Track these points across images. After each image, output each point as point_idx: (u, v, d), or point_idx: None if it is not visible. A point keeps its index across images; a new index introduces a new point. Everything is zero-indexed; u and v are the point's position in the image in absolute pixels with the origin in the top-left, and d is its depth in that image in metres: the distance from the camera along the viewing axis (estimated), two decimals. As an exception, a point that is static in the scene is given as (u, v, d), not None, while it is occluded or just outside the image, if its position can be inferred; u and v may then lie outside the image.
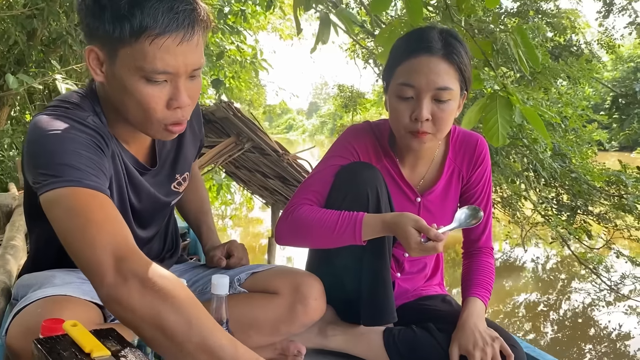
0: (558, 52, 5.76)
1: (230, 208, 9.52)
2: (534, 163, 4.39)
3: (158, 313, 0.88)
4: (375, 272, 1.40)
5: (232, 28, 5.79)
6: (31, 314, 1.11)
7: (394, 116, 1.38)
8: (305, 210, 1.39)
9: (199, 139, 1.52)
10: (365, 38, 7.42)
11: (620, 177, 4.80)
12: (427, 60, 1.31)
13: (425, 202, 1.51)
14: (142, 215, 1.36)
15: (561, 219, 4.85)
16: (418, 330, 1.42)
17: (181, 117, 1.13)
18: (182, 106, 1.11)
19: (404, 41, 1.40)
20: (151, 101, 1.08)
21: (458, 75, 1.34)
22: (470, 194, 1.53)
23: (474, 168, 1.51)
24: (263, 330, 1.36)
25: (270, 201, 4.50)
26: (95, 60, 1.10)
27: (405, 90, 1.33)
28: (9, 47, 4.94)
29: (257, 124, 3.07)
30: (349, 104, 11.35)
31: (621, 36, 11.38)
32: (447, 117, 1.34)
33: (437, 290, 1.66)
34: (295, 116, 62.66)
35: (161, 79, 1.07)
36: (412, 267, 1.61)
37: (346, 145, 1.49)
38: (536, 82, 4.88)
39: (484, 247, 1.56)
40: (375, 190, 1.39)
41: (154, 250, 1.50)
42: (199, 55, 1.10)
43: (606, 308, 6.74)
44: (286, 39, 10.71)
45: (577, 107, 5.47)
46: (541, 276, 8.28)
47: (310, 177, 1.50)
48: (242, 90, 8.96)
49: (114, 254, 0.93)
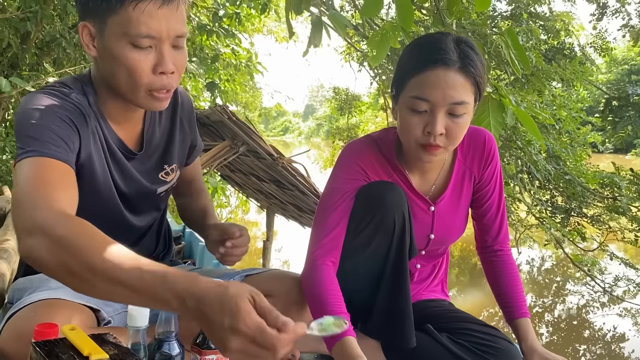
0: (552, 55, 5.79)
1: (225, 211, 9.50)
2: (528, 165, 4.41)
3: (63, 263, 0.89)
4: (393, 292, 1.39)
5: (227, 31, 5.79)
6: (24, 317, 1.11)
7: (404, 128, 1.31)
8: (315, 282, 1.32)
9: (190, 139, 1.51)
10: (359, 41, 7.43)
11: (614, 179, 4.83)
12: (443, 73, 1.24)
13: (438, 209, 1.47)
14: (131, 200, 1.37)
15: (555, 221, 4.87)
16: (416, 332, 1.41)
17: (167, 83, 1.17)
18: (167, 72, 1.16)
19: (417, 50, 1.32)
20: (137, 66, 1.13)
21: (474, 88, 1.28)
22: (483, 192, 1.49)
23: (485, 166, 1.47)
24: None
25: (266, 204, 4.50)
26: (88, 35, 1.16)
27: (419, 104, 1.26)
28: (2, 50, 4.92)
29: (252, 128, 3.06)
30: (345, 107, 11.36)
31: (614, 39, 11.45)
32: (461, 130, 1.29)
33: (438, 293, 1.64)
34: (291, 119, 62.65)
35: (146, 44, 1.12)
36: (421, 275, 1.61)
37: (352, 166, 1.41)
38: (530, 84, 4.90)
39: (503, 248, 1.54)
40: (402, 215, 1.35)
41: (147, 247, 1.51)
42: (180, 22, 1.15)
43: (601, 310, 6.77)
44: (281, 42, 10.72)
45: (571, 110, 5.50)
46: (536, 278, 8.30)
47: (325, 214, 1.39)
48: (238, 93, 8.96)
49: (43, 216, 0.95)
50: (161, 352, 1.04)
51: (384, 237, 1.36)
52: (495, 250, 1.54)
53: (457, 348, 1.36)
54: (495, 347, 1.35)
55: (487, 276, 1.56)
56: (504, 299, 1.50)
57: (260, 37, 10.50)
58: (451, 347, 1.36)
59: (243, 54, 6.66)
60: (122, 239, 1.38)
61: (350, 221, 1.37)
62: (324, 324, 0.97)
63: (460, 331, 1.40)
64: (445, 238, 1.52)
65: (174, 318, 1.06)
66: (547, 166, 4.41)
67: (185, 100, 1.47)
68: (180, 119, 1.45)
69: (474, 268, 8.25)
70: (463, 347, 1.36)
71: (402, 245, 1.37)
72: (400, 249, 1.37)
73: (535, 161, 4.25)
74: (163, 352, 1.04)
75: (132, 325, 0.98)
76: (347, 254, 1.39)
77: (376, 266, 1.39)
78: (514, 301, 1.48)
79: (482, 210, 1.52)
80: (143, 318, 0.98)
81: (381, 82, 7.06)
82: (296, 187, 3.33)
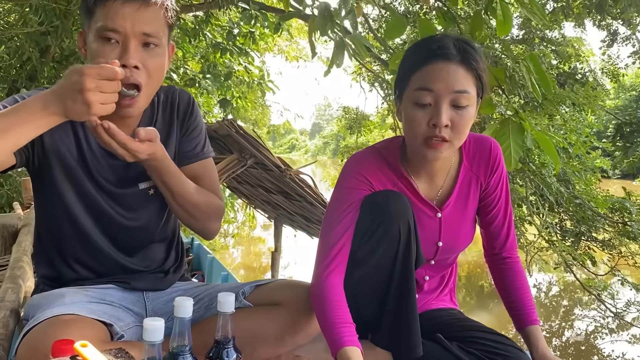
0: (563, 80, 5.81)
1: (232, 226, 9.51)
2: (540, 187, 4.39)
3: None
4: (400, 303, 1.39)
5: (240, 50, 5.86)
6: (39, 334, 1.12)
7: (409, 125, 1.31)
8: (323, 294, 1.33)
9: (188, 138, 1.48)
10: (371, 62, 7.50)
11: (625, 204, 4.80)
12: (445, 65, 1.27)
13: (445, 215, 1.47)
14: (113, 192, 1.38)
15: (565, 244, 4.84)
16: (426, 341, 1.41)
17: (129, 77, 1.20)
18: (128, 65, 1.20)
19: (418, 49, 1.35)
20: (101, 56, 1.19)
21: (476, 81, 1.29)
22: (490, 199, 1.49)
23: (491, 173, 1.47)
24: (268, 341, 1.36)
25: (273, 215, 4.51)
26: (82, 40, 1.28)
27: (423, 96, 1.27)
28: (22, 63, 5.01)
29: (259, 141, 3.09)
30: (354, 126, 11.40)
31: (626, 65, 11.46)
32: (465, 123, 1.29)
33: (447, 303, 1.63)
34: (298, 136, 62.92)
35: (112, 37, 1.20)
36: (430, 286, 1.60)
37: (356, 176, 1.41)
38: (542, 108, 4.91)
39: (512, 255, 1.54)
40: (407, 224, 1.35)
41: (153, 257, 1.50)
42: (148, 21, 1.22)
43: (609, 336, 6.67)
44: (292, 61, 10.83)
45: (581, 134, 5.49)
46: (544, 302, 8.21)
47: (330, 226, 1.40)
48: (248, 110, 9.03)
49: None
50: (176, 366, 1.04)
51: (389, 246, 1.35)
52: (504, 258, 1.53)
53: (468, 357, 1.35)
54: (505, 355, 1.34)
55: (496, 284, 1.56)
56: (513, 307, 1.50)
57: (270, 56, 10.60)
58: (462, 356, 1.35)
59: (255, 72, 6.74)
60: (112, 236, 1.41)
61: (356, 231, 1.38)
62: None
63: (470, 339, 1.39)
64: (454, 246, 1.51)
65: (188, 332, 1.06)
66: (560, 188, 4.40)
67: (182, 101, 1.48)
68: (177, 118, 1.46)
69: (481, 290, 8.17)
70: (473, 355, 1.35)
71: (408, 253, 1.37)
72: (406, 258, 1.37)
73: (548, 183, 4.24)
74: (178, 366, 1.04)
75: (148, 340, 0.98)
76: (354, 265, 1.39)
77: (383, 276, 1.38)
78: (523, 309, 1.47)
79: (489, 218, 1.51)
80: (158, 332, 0.98)
81: (391, 102, 7.10)
82: (304, 198, 3.34)
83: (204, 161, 1.52)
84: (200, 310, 1.45)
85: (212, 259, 3.17)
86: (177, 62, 6.41)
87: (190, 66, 6.54)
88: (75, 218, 1.37)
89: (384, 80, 8.08)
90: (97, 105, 1.05)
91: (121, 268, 1.44)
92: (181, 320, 1.05)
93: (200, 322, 1.39)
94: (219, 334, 1.12)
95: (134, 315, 1.42)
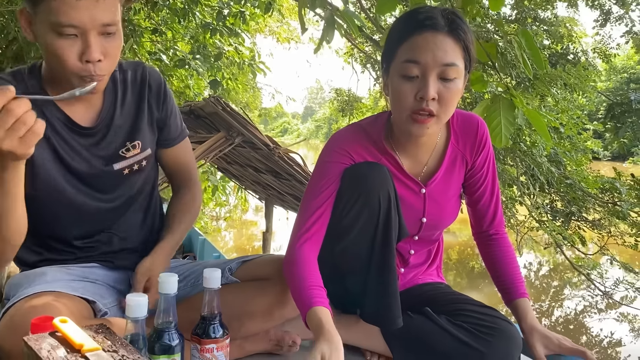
0: (555, 60, 5.80)
1: (224, 210, 9.50)
2: (531, 167, 4.40)
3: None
4: (381, 273, 1.38)
5: (230, 30, 5.77)
6: (20, 311, 1.10)
7: (396, 98, 1.29)
8: (295, 260, 1.31)
9: (162, 118, 1.46)
10: (363, 42, 7.43)
11: (615, 184, 4.83)
12: (432, 36, 1.24)
13: (429, 191, 1.46)
14: (87, 177, 1.34)
15: (556, 224, 4.87)
16: (414, 315, 1.42)
17: (93, 72, 1.17)
18: (92, 60, 1.16)
19: (405, 19, 1.32)
20: (63, 54, 1.14)
21: (464, 53, 1.27)
22: (477, 178, 1.49)
23: (478, 152, 1.46)
24: (256, 316, 1.36)
25: (264, 196, 4.50)
26: (26, 20, 1.19)
27: (410, 68, 1.25)
28: (7, 43, 4.90)
29: (247, 118, 3.06)
30: (346, 108, 11.34)
31: (617, 45, 11.44)
32: (453, 97, 1.26)
33: (434, 277, 1.64)
34: (290, 120, 62.65)
35: (70, 32, 1.13)
36: (416, 260, 1.60)
37: (337, 151, 1.40)
38: (533, 88, 4.89)
39: (499, 231, 1.53)
40: (387, 194, 1.34)
41: (140, 237, 1.49)
42: (106, 10, 1.15)
43: (598, 315, 6.77)
44: (283, 42, 10.72)
45: (573, 115, 5.50)
46: (534, 282, 8.31)
47: (309, 198, 1.39)
48: (239, 92, 8.95)
49: None
50: (161, 343, 1.04)
51: (369, 217, 1.35)
52: (491, 235, 1.54)
53: (457, 330, 1.36)
54: (494, 327, 1.35)
55: (485, 260, 1.55)
56: (501, 281, 1.49)
57: (261, 37, 10.50)
58: (451, 329, 1.36)
59: (246, 53, 6.65)
60: (96, 221, 1.38)
61: (336, 203, 1.37)
62: None
63: (458, 312, 1.40)
64: (438, 222, 1.51)
65: (173, 308, 1.05)
66: (550, 168, 4.41)
67: (154, 80, 1.43)
68: (147, 99, 1.42)
69: (471, 271, 8.25)
70: (462, 328, 1.36)
71: (388, 224, 1.36)
72: (386, 228, 1.36)
73: (539, 163, 4.25)
74: (163, 343, 1.04)
75: (131, 316, 0.97)
76: (337, 237, 1.39)
77: (365, 247, 1.38)
78: (511, 282, 1.47)
79: (476, 197, 1.51)
80: (141, 308, 0.97)
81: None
82: (293, 177, 3.33)
83: (183, 141, 1.53)
84: (186, 288, 1.44)
85: (204, 240, 3.16)
86: (166, 44, 6.31)
87: (180, 47, 6.44)
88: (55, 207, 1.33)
89: (376, 61, 8.02)
90: (18, 144, 0.96)
91: (104, 250, 1.43)
92: (166, 297, 1.04)
93: (187, 299, 1.38)
94: (205, 310, 1.11)
95: (118, 293, 1.41)
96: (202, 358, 1.10)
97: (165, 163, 1.54)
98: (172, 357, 1.04)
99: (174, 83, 6.62)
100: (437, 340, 1.36)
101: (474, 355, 1.33)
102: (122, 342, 0.84)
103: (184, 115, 3.49)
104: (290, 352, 1.45)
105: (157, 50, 6.04)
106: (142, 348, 0.98)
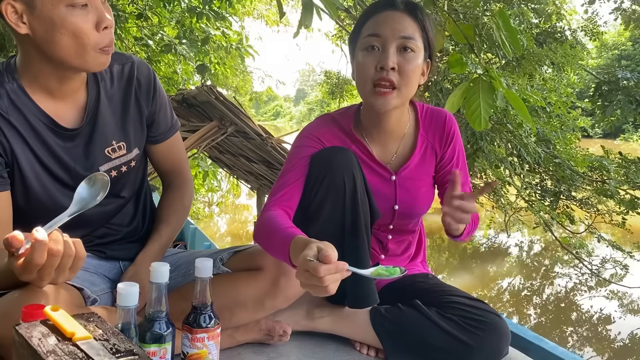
0: (543, 39, 5.78)
1: (217, 195, 9.48)
2: (518, 148, 4.42)
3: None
4: (355, 259, 1.39)
5: (217, 14, 5.71)
6: (10, 299, 1.10)
7: (359, 71, 1.39)
8: (265, 219, 1.32)
9: (151, 114, 1.45)
10: (351, 24, 7.37)
11: (603, 162, 4.86)
12: (392, 13, 1.37)
13: (400, 179, 1.51)
14: (72, 182, 1.29)
15: (544, 204, 4.90)
16: (404, 308, 1.44)
17: (111, 38, 1.22)
18: (109, 25, 1.19)
19: (368, 6, 1.46)
20: (82, 26, 1.16)
21: (421, 32, 1.38)
22: (446, 171, 1.52)
23: (446, 145, 1.52)
24: (248, 306, 1.37)
25: (256, 185, 4.49)
26: (14, 13, 1.14)
27: (371, 41, 1.36)
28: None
29: (240, 108, 3.05)
30: (336, 91, 11.30)
31: (605, 22, 11.42)
32: (412, 69, 1.36)
33: (421, 269, 1.66)
34: (282, 103, 62.22)
35: (82, 2, 1.15)
36: (396, 248, 1.62)
37: (308, 137, 1.48)
38: (521, 68, 4.89)
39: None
40: (352, 175, 1.38)
41: (130, 229, 1.48)
42: None
43: (588, 292, 6.87)
44: (272, 25, 10.62)
45: (562, 94, 5.51)
46: (525, 261, 8.40)
47: (280, 177, 1.46)
48: (228, 77, 8.88)
49: None
50: (152, 332, 1.05)
51: (336, 198, 1.39)
52: None
53: (447, 323, 1.37)
54: (484, 321, 1.37)
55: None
56: None
57: (250, 20, 10.38)
58: (441, 322, 1.38)
59: (234, 37, 6.59)
60: (87, 225, 1.36)
61: (305, 187, 1.41)
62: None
63: (448, 305, 1.42)
64: (411, 210, 1.54)
65: (165, 297, 1.06)
66: (537, 149, 4.43)
67: (142, 75, 1.40)
68: (136, 96, 1.39)
69: (463, 252, 8.32)
70: (452, 321, 1.38)
71: (355, 203, 1.39)
72: (354, 208, 1.39)
73: (525, 144, 4.27)
74: (154, 332, 1.05)
75: (122, 305, 0.98)
76: (309, 221, 1.41)
77: (336, 229, 1.40)
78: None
79: (446, 188, 1.51)
80: (133, 297, 0.98)
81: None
82: (286, 167, 3.32)
83: (173, 136, 1.53)
84: (178, 277, 1.45)
85: (195, 229, 3.16)
86: (152, 29, 6.23)
87: (166, 31, 6.36)
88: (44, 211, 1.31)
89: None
90: (69, 274, 1.00)
91: (96, 242, 1.43)
92: (157, 286, 1.05)
93: (178, 289, 1.39)
94: (197, 300, 1.13)
95: (109, 281, 1.42)
96: (193, 347, 1.11)
97: (154, 159, 1.53)
98: (163, 346, 1.05)
99: (162, 69, 6.55)
100: (427, 333, 1.38)
101: (463, 348, 1.35)
102: (113, 331, 0.85)
103: (176, 104, 3.47)
104: (281, 341, 1.46)
105: (143, 36, 5.96)
106: (134, 337, 0.99)
